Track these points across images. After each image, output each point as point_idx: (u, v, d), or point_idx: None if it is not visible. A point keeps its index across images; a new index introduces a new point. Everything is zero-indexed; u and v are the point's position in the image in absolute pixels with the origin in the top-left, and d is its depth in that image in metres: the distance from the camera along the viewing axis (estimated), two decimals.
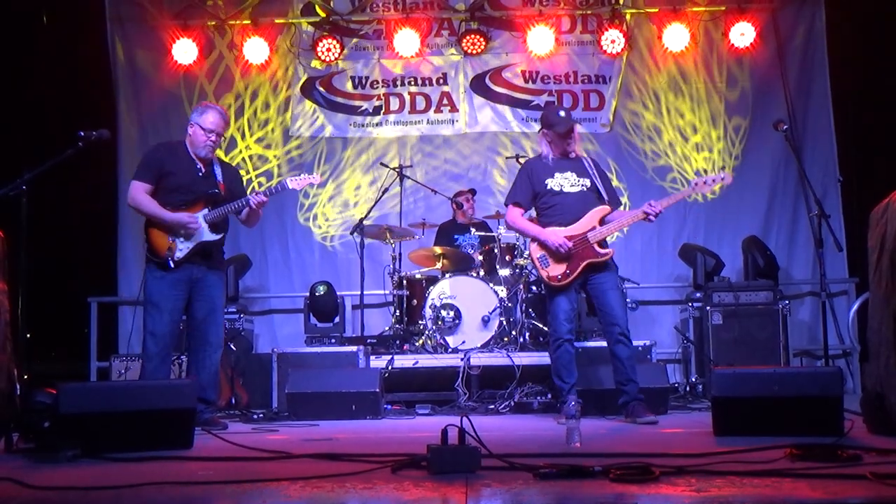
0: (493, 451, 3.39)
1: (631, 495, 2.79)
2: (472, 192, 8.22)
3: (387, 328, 7.57)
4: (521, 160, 7.89)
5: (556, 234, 5.47)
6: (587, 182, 5.59)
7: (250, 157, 9.03)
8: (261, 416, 6.34)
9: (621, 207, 5.84)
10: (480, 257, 7.38)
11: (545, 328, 7.24)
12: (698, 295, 7.80)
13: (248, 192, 5.65)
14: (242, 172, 7.88)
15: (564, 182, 5.58)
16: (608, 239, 5.60)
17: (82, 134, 5.16)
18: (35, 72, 8.38)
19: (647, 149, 8.95)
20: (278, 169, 9.02)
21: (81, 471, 3.57)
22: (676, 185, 8.81)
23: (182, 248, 5.39)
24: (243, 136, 9.03)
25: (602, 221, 5.50)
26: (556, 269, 5.52)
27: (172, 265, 5.37)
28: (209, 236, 5.46)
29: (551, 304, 5.63)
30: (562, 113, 5.66)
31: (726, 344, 7.32)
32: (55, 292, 8.04)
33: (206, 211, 5.44)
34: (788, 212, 8.79)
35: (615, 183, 8.01)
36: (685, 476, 3.05)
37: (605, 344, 6.79)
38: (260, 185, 8.75)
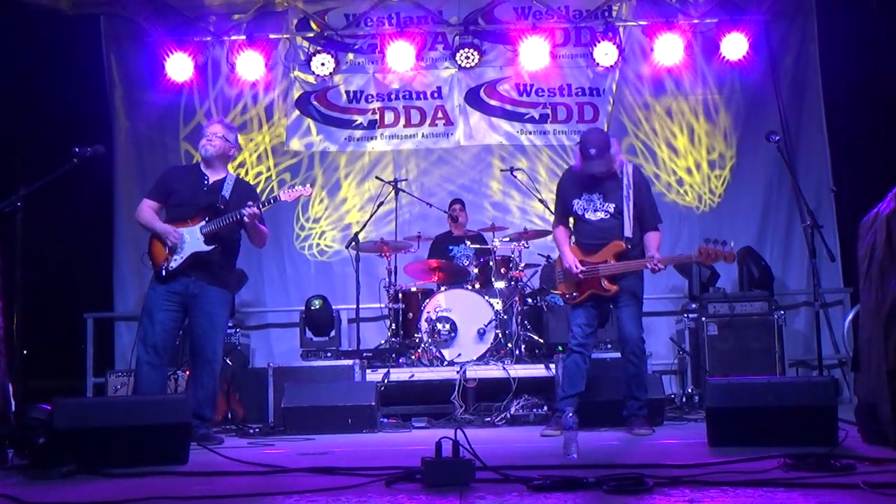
0: (487, 464, 3.40)
1: None
2: (460, 202, 8.22)
3: (383, 342, 7.58)
4: (516, 173, 7.95)
5: (574, 259, 5.56)
6: (612, 207, 5.54)
7: (246, 171, 9.05)
8: (257, 430, 6.34)
9: None
10: (476, 270, 7.39)
11: (541, 340, 7.28)
12: (694, 306, 7.81)
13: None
14: None
15: (588, 206, 5.59)
16: None
17: (77, 150, 5.18)
18: (30, 88, 8.39)
19: (641, 160, 8.96)
20: (273, 183, 9.03)
21: (76, 487, 3.56)
22: (668, 195, 8.84)
23: (176, 259, 5.45)
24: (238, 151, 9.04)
25: (617, 257, 5.52)
26: (567, 289, 5.67)
27: (164, 274, 5.44)
28: (202, 247, 5.48)
29: (570, 314, 5.78)
30: (592, 151, 5.41)
31: (722, 354, 7.33)
32: (51, 308, 8.01)
33: (203, 223, 5.48)
34: (783, 222, 8.81)
35: None
36: (679, 487, 3.05)
37: (603, 356, 6.85)
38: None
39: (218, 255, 5.56)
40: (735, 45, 8.71)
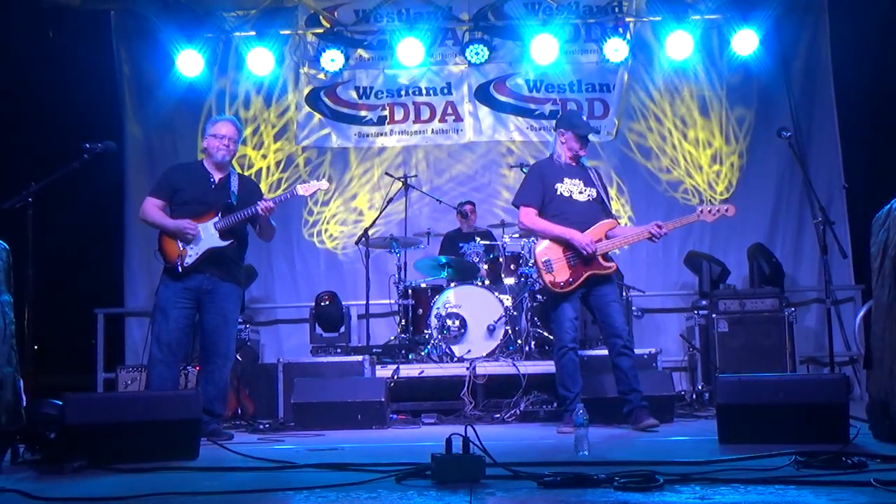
0: (497, 460, 3.40)
1: (635, 503, 2.78)
2: (471, 203, 8.26)
3: (392, 337, 7.58)
4: (525, 169, 7.91)
5: (583, 235, 5.46)
6: (594, 192, 5.62)
7: (259, 168, 9.06)
8: (267, 426, 6.34)
9: (623, 221, 5.87)
10: (485, 266, 7.38)
11: (550, 337, 7.24)
12: (704, 303, 7.79)
13: None
14: None
15: (574, 188, 5.59)
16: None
17: (87, 146, 5.19)
18: (41, 84, 8.41)
19: (651, 156, 8.95)
20: (283, 180, 9.04)
21: (87, 482, 3.57)
22: (679, 192, 8.81)
23: (191, 255, 5.43)
24: (248, 148, 9.06)
25: (608, 235, 5.51)
26: (561, 276, 5.52)
27: (180, 270, 5.41)
28: (218, 243, 5.47)
29: (555, 312, 5.63)
30: (584, 117, 5.82)
31: (732, 351, 7.31)
32: (62, 304, 8.04)
33: (216, 219, 5.48)
34: (794, 219, 8.78)
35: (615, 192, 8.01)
36: (689, 484, 3.05)
37: (605, 352, 6.77)
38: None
39: (232, 251, 5.56)
40: (745, 41, 8.66)
